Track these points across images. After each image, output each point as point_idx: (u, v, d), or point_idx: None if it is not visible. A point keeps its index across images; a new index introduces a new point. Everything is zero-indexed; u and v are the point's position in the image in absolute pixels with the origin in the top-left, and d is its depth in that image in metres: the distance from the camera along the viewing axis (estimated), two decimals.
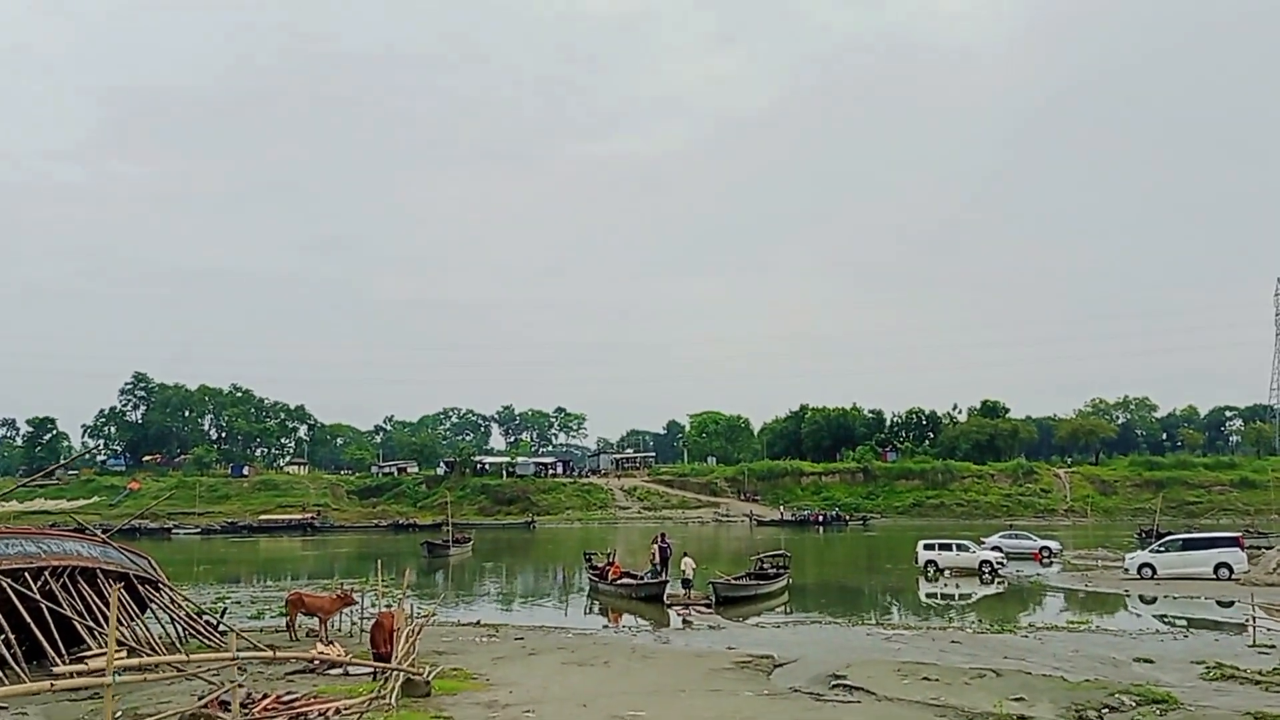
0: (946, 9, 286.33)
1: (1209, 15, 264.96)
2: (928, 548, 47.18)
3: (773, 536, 78.06)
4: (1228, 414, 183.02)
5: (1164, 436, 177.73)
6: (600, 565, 41.28)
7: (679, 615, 32.33)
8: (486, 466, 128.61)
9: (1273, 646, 22.27)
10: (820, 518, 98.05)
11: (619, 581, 37.55)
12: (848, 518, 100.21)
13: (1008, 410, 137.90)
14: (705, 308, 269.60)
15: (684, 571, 37.42)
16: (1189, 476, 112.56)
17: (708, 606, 33.87)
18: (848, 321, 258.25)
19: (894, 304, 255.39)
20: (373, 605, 25.94)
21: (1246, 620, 30.50)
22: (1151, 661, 20.23)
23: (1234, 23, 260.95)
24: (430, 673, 17.43)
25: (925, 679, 17.45)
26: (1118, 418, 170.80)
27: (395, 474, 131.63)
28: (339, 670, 18.70)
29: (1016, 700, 15.30)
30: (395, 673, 15.53)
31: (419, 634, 20.19)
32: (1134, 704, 14.92)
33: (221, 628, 24.79)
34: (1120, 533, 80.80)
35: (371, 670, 17.22)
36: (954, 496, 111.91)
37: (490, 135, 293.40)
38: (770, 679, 19.06)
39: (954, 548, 47.09)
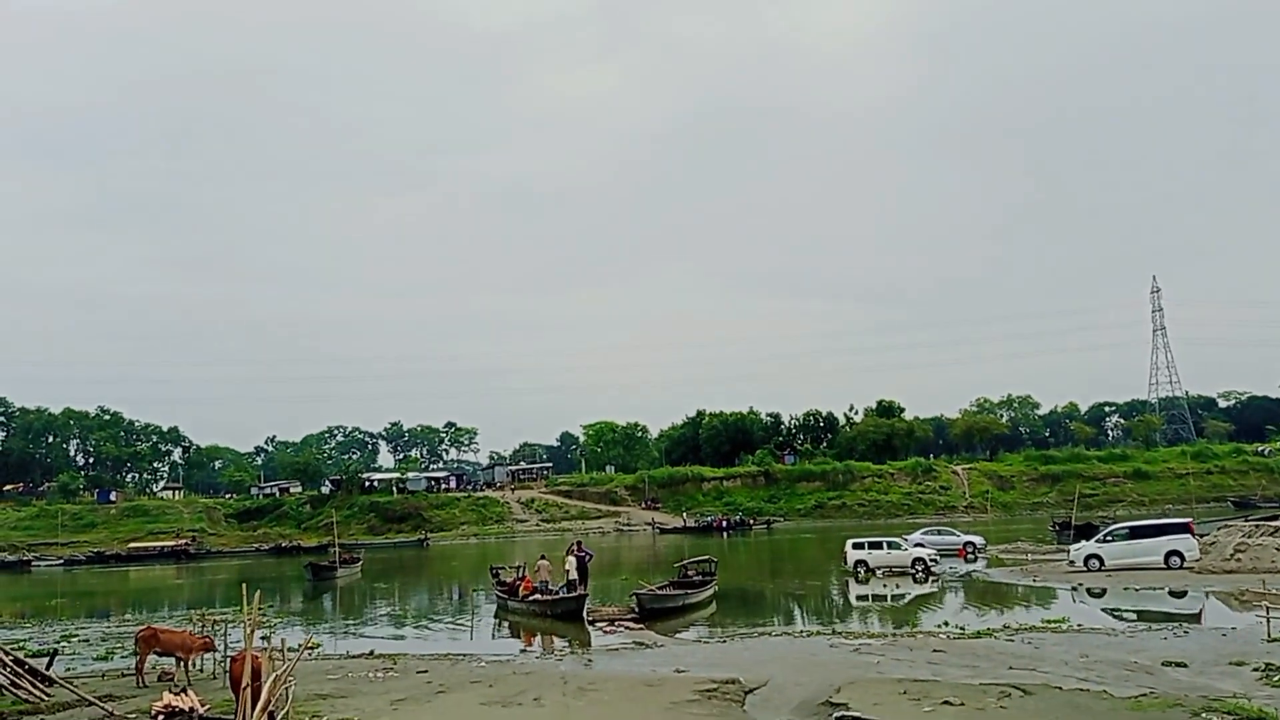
0: (823, 22, 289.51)
1: (1080, 31, 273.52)
2: (857, 547, 44.34)
3: (676, 544, 75.32)
4: (1107, 410, 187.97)
5: (1047, 433, 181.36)
6: (509, 580, 37.17)
7: (604, 632, 28.45)
8: (375, 484, 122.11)
9: None
10: (724, 523, 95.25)
11: (531, 598, 33.44)
12: (751, 522, 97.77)
13: (903, 410, 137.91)
14: (597, 319, 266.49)
15: (567, 573, 33.69)
16: (1084, 469, 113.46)
17: (634, 621, 30.10)
18: (742, 328, 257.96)
19: (785, 310, 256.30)
20: (238, 641, 21.38)
21: (1201, 610, 28.52)
22: (1185, 665, 17.30)
23: (1098, 39, 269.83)
24: None
25: (947, 703, 14.05)
26: (1003, 416, 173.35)
27: (277, 495, 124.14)
28: None
29: None
30: None
31: (285, 677, 15.90)
32: None
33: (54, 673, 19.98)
34: (1021, 526, 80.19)
35: None
36: (855, 497, 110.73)
37: (370, 151, 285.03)
38: (746, 711, 15.45)
39: (885, 546, 44.37)
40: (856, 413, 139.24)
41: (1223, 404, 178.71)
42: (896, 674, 17.55)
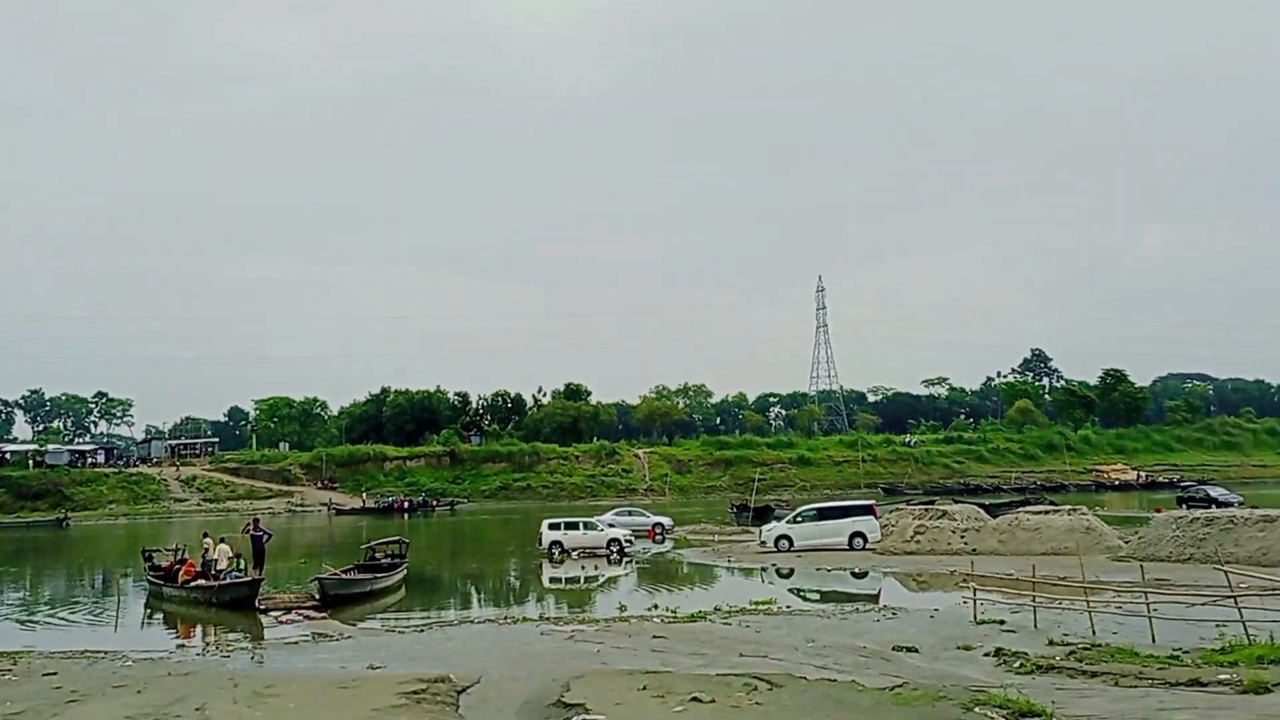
0: (537, 6, 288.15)
1: (785, 43, 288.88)
2: (553, 527, 42.97)
3: (354, 525, 71.58)
4: (772, 400, 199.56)
5: (718, 420, 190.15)
6: (166, 565, 32.63)
7: (280, 622, 25.14)
8: (8, 456, 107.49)
9: (1001, 621, 20.00)
10: (406, 504, 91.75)
11: (193, 584, 29.32)
12: (435, 503, 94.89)
13: (589, 394, 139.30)
14: (277, 288, 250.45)
15: (215, 561, 30.21)
16: (754, 455, 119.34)
17: (315, 608, 26.95)
18: (430, 305, 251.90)
19: (477, 290, 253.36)
20: None
21: (879, 591, 29.53)
22: (916, 650, 16.94)
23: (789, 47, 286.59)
24: None
25: (696, 699, 12.54)
26: (680, 403, 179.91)
27: None
28: None
29: None
30: None
31: None
32: None
33: None
34: (696, 508, 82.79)
35: None
36: (540, 478, 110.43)
37: (33, 88, 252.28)
38: (462, 715, 13.29)
39: (581, 527, 43.33)
40: (544, 395, 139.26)
41: (871, 398, 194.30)
42: (623, 664, 16.02)
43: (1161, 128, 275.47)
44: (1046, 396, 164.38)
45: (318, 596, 28.01)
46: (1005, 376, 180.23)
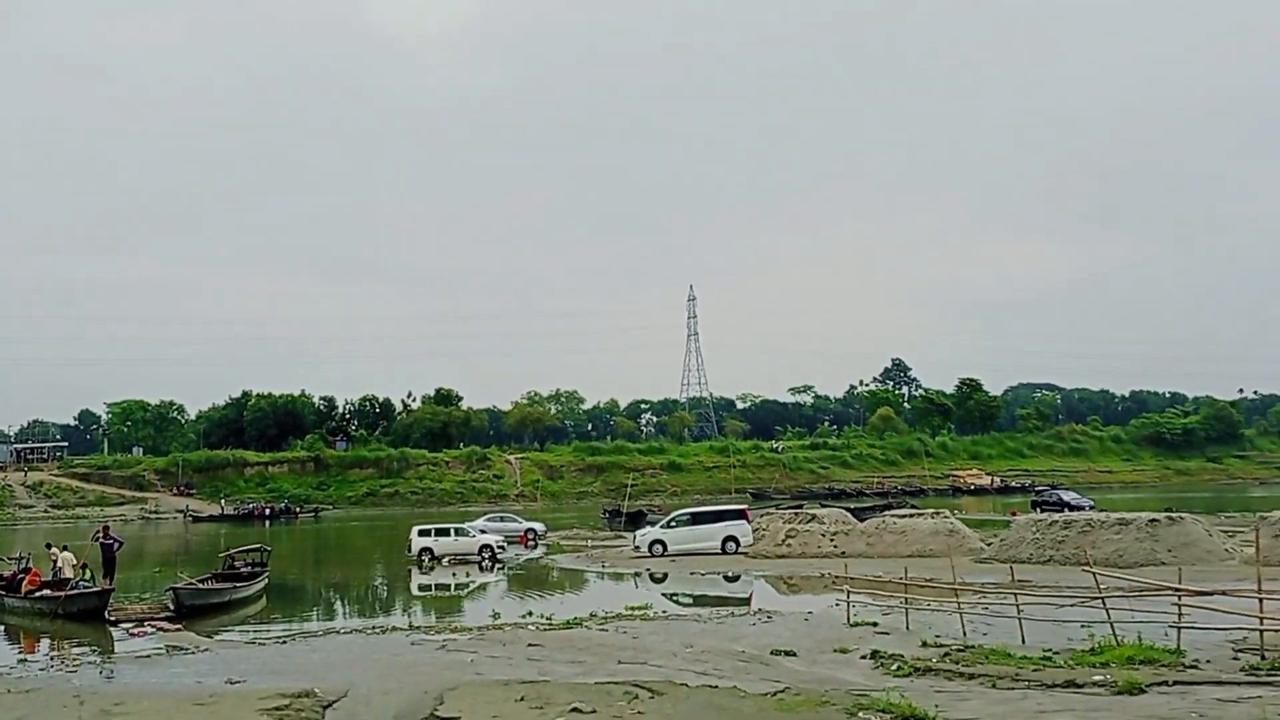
0: (417, 11, 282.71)
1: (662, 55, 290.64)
2: (423, 534, 41.89)
3: (211, 532, 68.78)
4: (643, 407, 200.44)
5: (590, 427, 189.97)
6: (9, 574, 30.50)
7: (131, 634, 23.68)
8: None
9: (874, 623, 20.18)
10: (266, 511, 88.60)
11: (38, 594, 27.44)
12: (298, 510, 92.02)
13: (460, 398, 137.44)
14: (135, 288, 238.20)
15: (59, 571, 28.62)
16: (626, 461, 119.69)
17: (170, 620, 25.49)
18: (297, 308, 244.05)
19: (345, 293, 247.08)
20: None
21: (750, 595, 29.74)
22: (794, 654, 16.85)
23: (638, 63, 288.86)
24: None
25: (576, 709, 12.13)
26: (552, 409, 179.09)
27: None
28: None
29: None
30: None
31: None
32: None
33: None
34: (568, 513, 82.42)
35: None
36: (409, 484, 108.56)
37: None
38: None
39: (453, 533, 42.38)
40: (414, 399, 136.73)
41: (740, 405, 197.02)
42: (499, 674, 15.48)
43: (1009, 144, 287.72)
44: (906, 405, 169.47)
45: (172, 607, 26.50)
46: (867, 385, 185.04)
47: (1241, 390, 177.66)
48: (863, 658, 16.13)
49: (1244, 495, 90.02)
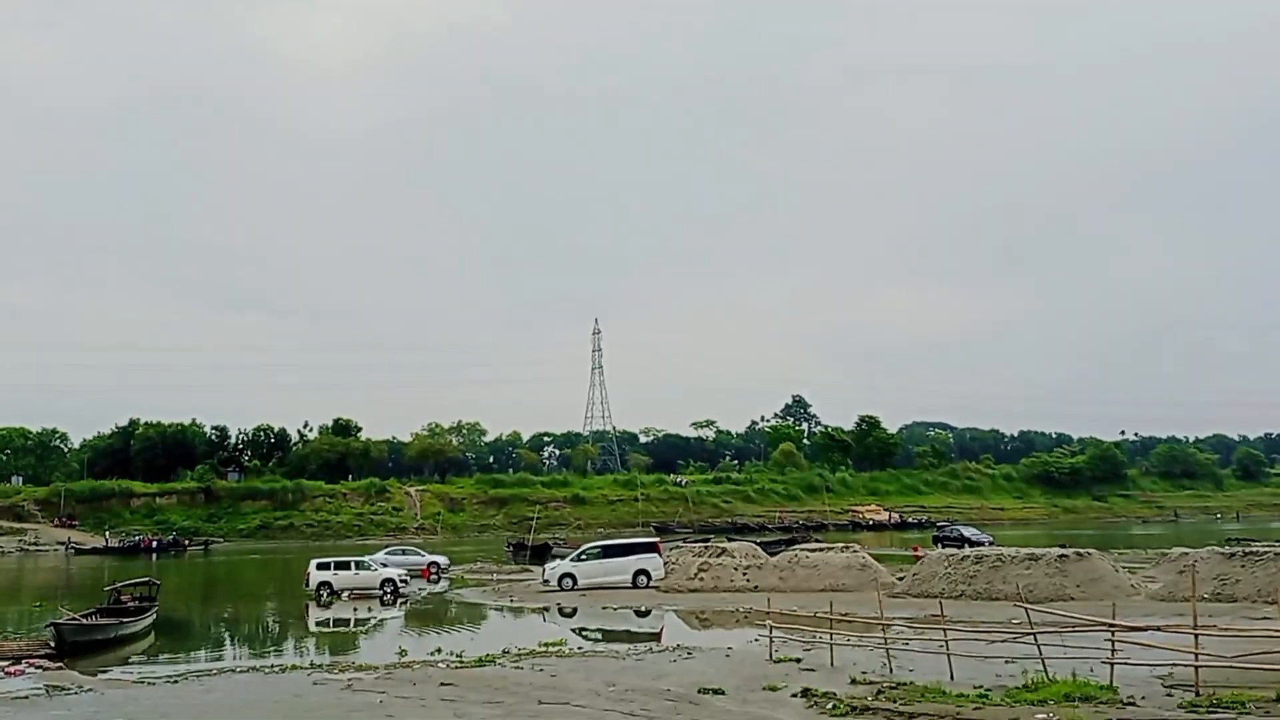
0: (311, 31, 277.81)
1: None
2: (322, 567, 40.35)
3: (95, 565, 65.60)
4: (546, 439, 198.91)
5: (491, 459, 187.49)
6: None
7: (7, 673, 21.90)
8: None
9: (798, 659, 19.73)
10: (154, 543, 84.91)
11: None
12: (187, 542, 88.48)
13: (360, 429, 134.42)
14: (13, 313, 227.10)
15: None
16: (529, 494, 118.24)
17: (50, 657, 23.81)
18: (188, 336, 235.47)
19: (239, 323, 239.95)
20: None
21: (661, 630, 29.25)
22: (723, 691, 16.27)
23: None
24: None
25: None
26: (453, 440, 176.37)
27: None
28: None
29: None
30: None
31: None
32: None
33: None
34: (468, 547, 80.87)
35: None
36: (305, 517, 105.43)
37: None
38: None
39: (354, 566, 40.92)
40: (311, 430, 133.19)
41: (643, 439, 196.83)
42: (411, 717, 14.64)
43: (910, 191, 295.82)
44: (806, 441, 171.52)
45: (53, 644, 24.83)
46: (768, 421, 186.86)
47: (1123, 432, 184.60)
48: (794, 695, 15.68)
49: (1127, 533, 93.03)
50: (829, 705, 14.54)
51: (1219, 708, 13.18)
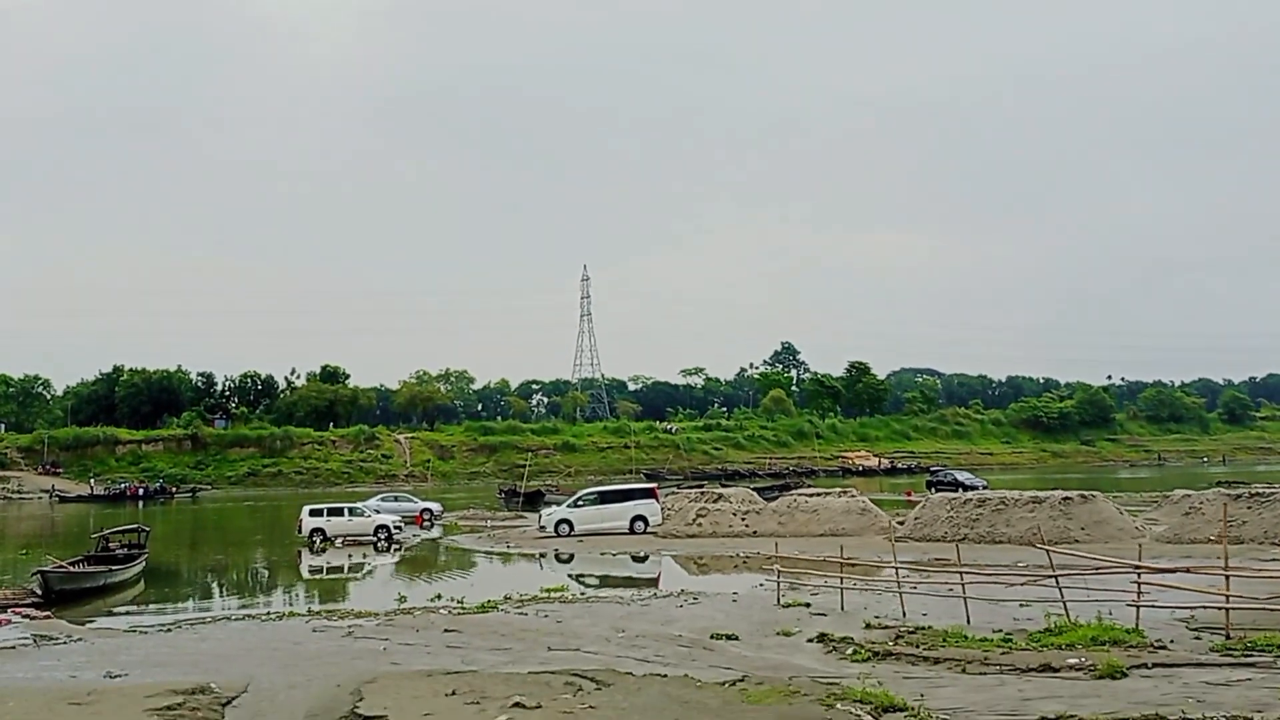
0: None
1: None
2: (315, 514, 39.86)
3: (80, 513, 65.08)
4: (534, 387, 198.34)
5: (480, 407, 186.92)
6: None
7: None
8: None
9: (807, 604, 19.30)
10: (140, 490, 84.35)
11: None
12: (174, 490, 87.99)
13: (348, 376, 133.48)
14: None
15: None
16: (519, 441, 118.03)
17: (37, 606, 23.26)
18: (171, 280, 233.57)
19: (226, 268, 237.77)
20: None
21: (658, 575, 28.88)
22: (736, 637, 15.83)
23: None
24: None
25: (519, 704, 10.88)
26: (441, 388, 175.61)
27: None
28: None
29: None
30: None
31: None
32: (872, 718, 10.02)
33: None
34: (459, 493, 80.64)
35: None
36: (293, 464, 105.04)
37: None
38: None
39: (346, 513, 40.42)
40: (299, 377, 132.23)
41: (632, 387, 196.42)
42: (419, 664, 14.10)
43: (897, 143, 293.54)
44: (796, 387, 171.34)
45: (40, 592, 24.29)
46: (758, 368, 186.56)
47: (1110, 376, 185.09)
48: (810, 641, 15.22)
49: (1114, 477, 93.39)
50: (848, 651, 14.05)
51: (1254, 650, 12.74)
